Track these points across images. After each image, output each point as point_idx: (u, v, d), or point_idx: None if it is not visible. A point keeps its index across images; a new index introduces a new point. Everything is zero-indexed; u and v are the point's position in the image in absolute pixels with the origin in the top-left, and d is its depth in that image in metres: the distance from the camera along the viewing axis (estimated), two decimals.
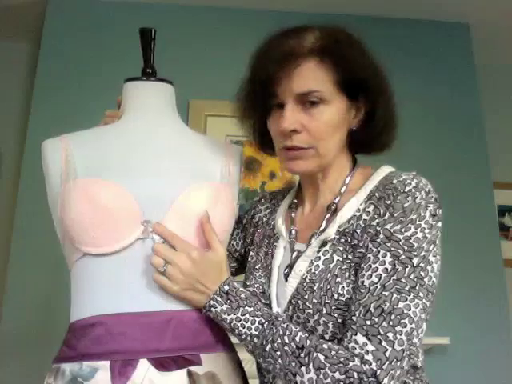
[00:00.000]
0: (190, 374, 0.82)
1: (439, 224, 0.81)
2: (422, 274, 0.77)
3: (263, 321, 0.81)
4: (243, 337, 0.82)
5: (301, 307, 0.83)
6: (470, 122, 2.49)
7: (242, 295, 0.85)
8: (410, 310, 0.75)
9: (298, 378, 0.75)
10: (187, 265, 0.84)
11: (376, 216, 0.81)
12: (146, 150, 0.95)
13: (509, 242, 2.73)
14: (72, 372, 0.82)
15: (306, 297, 0.82)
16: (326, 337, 0.80)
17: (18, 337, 2.02)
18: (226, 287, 0.85)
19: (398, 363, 0.74)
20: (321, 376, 0.74)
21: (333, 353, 0.75)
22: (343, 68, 0.85)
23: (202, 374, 0.83)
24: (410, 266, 0.77)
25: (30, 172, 2.15)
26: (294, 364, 0.76)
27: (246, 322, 0.82)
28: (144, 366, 0.81)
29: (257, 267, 0.95)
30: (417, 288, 0.76)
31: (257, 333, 0.81)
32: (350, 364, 0.73)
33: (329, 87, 0.85)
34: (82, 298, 0.88)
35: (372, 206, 0.83)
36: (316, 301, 0.81)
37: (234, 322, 0.83)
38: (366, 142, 0.92)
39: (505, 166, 2.70)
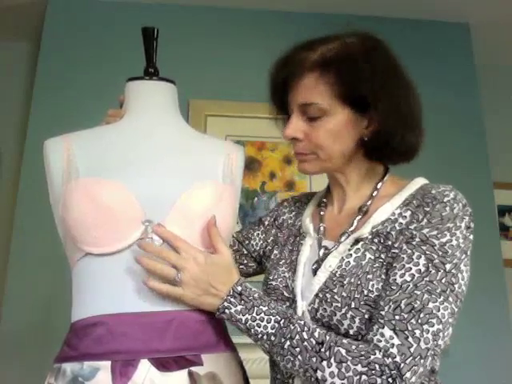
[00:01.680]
0: (190, 374, 0.83)
1: (471, 237, 0.85)
2: (453, 279, 0.80)
3: (279, 319, 0.82)
4: (259, 336, 0.83)
5: (328, 300, 0.85)
6: (470, 122, 2.49)
7: (256, 295, 0.86)
8: (438, 311, 0.77)
9: (319, 373, 0.76)
10: (196, 270, 0.85)
11: (414, 221, 0.85)
12: (147, 148, 0.95)
13: (509, 241, 2.73)
14: (73, 372, 0.82)
15: (336, 290, 0.85)
16: (351, 331, 0.82)
17: (17, 337, 2.02)
18: (239, 288, 0.86)
19: (422, 361, 0.75)
20: (342, 369, 0.75)
21: (353, 347, 0.77)
22: (343, 83, 0.87)
23: (203, 375, 0.83)
24: (442, 271, 0.80)
25: (30, 172, 2.15)
26: (314, 359, 0.77)
27: (262, 321, 0.83)
28: (145, 366, 0.81)
29: (280, 263, 0.98)
30: (447, 292, 0.79)
31: (273, 331, 0.81)
32: (372, 357, 0.75)
33: (329, 100, 0.89)
34: (84, 297, 0.88)
35: (409, 212, 0.87)
36: (345, 294, 0.83)
37: (250, 321, 0.83)
38: (378, 151, 0.93)
39: (505, 166, 2.70)
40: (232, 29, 2.46)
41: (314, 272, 0.91)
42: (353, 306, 0.82)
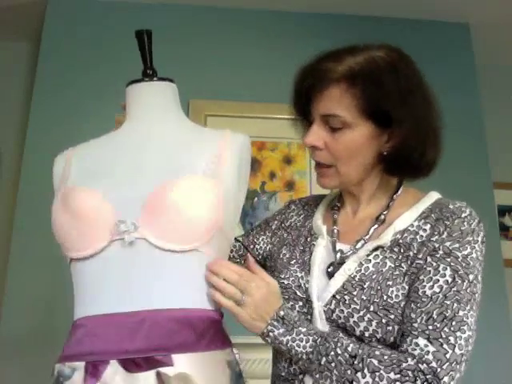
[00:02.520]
0: (158, 375, 0.81)
1: (484, 251, 0.90)
2: (475, 289, 0.85)
3: (316, 338, 0.86)
4: (299, 356, 0.86)
5: (347, 302, 0.88)
6: (470, 122, 2.48)
7: (296, 318, 0.89)
8: (468, 318, 0.81)
9: None
10: (259, 296, 0.88)
11: (436, 233, 0.88)
12: (136, 153, 0.96)
13: (509, 241, 2.72)
14: (58, 372, 0.86)
15: (355, 293, 0.88)
16: (367, 334, 0.85)
17: (17, 337, 2.02)
18: (282, 312, 0.89)
19: (458, 366, 0.79)
20: (376, 379, 0.79)
21: (385, 357, 0.80)
22: (369, 98, 0.88)
23: (172, 376, 0.81)
24: (467, 281, 0.84)
25: (30, 172, 2.15)
26: (349, 372, 0.81)
27: (301, 342, 0.86)
28: (113, 367, 0.82)
29: (292, 262, 0.99)
30: (472, 301, 0.83)
31: (311, 349, 0.85)
32: (404, 364, 0.78)
33: (353, 113, 0.89)
34: (75, 300, 0.92)
35: (429, 225, 0.90)
36: (365, 298, 0.87)
37: (290, 342, 0.87)
38: (397, 166, 0.94)
39: (505, 166, 2.70)
40: (232, 29, 2.46)
41: (329, 274, 0.93)
42: (371, 309, 0.85)
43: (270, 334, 0.88)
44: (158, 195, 0.88)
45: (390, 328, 0.85)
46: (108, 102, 2.28)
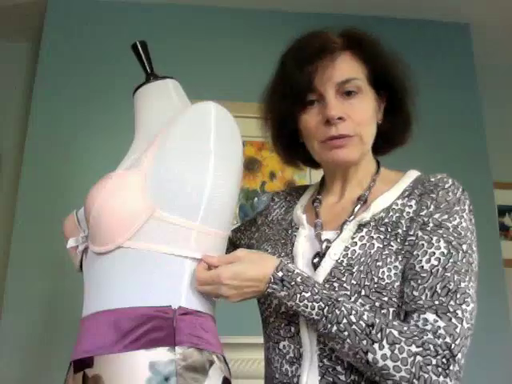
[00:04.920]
0: (84, 376, 0.83)
1: (473, 220, 0.88)
2: (470, 259, 0.83)
3: (322, 306, 0.81)
4: (308, 320, 0.83)
5: (337, 289, 0.85)
6: (469, 122, 2.49)
7: (298, 279, 0.83)
8: (469, 290, 0.80)
9: (370, 356, 0.77)
10: (229, 286, 0.85)
11: (424, 208, 0.87)
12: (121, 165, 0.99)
13: (509, 241, 2.72)
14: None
15: (344, 279, 0.85)
16: None
17: (17, 337, 2.01)
18: (280, 273, 0.84)
19: (466, 341, 0.78)
20: (396, 351, 0.75)
21: (405, 328, 0.78)
22: (372, 63, 0.93)
23: (90, 377, 0.82)
24: (461, 251, 0.82)
25: (30, 172, 2.15)
26: (365, 342, 0.77)
27: (306, 308, 0.82)
28: (71, 368, 0.87)
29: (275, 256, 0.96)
30: (469, 272, 0.82)
31: (318, 317, 0.81)
32: (425, 337, 0.76)
33: (362, 77, 0.92)
34: None
35: (414, 201, 0.89)
36: (355, 282, 0.84)
37: (295, 307, 0.83)
38: (386, 136, 0.98)
39: (505, 166, 2.70)
40: (232, 29, 2.46)
41: (314, 265, 0.90)
42: (363, 293, 0.83)
43: (273, 296, 0.85)
44: (86, 202, 0.90)
45: (385, 311, 0.82)
46: (108, 102, 2.28)
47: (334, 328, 0.79)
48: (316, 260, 0.91)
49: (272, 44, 0.97)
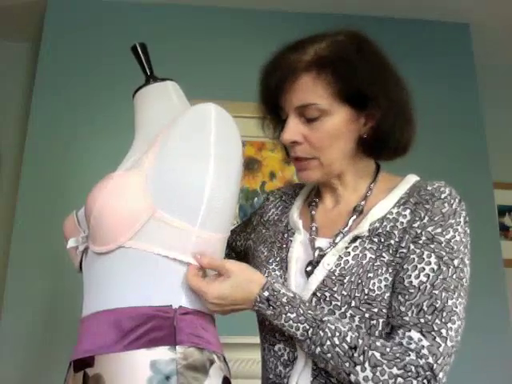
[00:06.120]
0: (85, 375, 0.84)
1: (469, 230, 0.86)
2: (461, 274, 0.82)
3: (307, 327, 0.81)
4: (294, 339, 0.84)
5: (327, 299, 0.85)
6: (470, 122, 2.49)
7: (284, 299, 0.83)
8: (456, 307, 0.80)
9: (353, 377, 0.77)
10: (217, 304, 0.85)
11: (417, 219, 0.86)
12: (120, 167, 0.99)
13: (509, 241, 2.72)
14: None
15: (335, 289, 0.85)
16: None
17: (17, 337, 2.01)
18: (266, 293, 0.84)
19: (449, 359, 0.78)
20: (377, 373, 0.76)
21: (387, 349, 0.77)
22: (341, 80, 0.86)
23: (90, 376, 0.83)
24: (452, 267, 0.81)
25: (30, 172, 2.15)
26: (347, 364, 0.77)
27: (291, 328, 0.82)
28: (71, 368, 0.87)
29: (270, 261, 0.96)
30: (459, 288, 0.81)
31: (303, 338, 0.81)
32: (407, 359, 0.76)
33: (328, 99, 0.87)
34: None
35: (408, 210, 0.87)
36: (346, 293, 0.83)
37: (280, 327, 0.84)
38: (378, 147, 0.93)
39: (505, 166, 2.70)
40: (232, 29, 2.46)
41: (307, 273, 0.90)
42: (353, 304, 0.83)
43: (260, 313, 0.86)
44: (87, 201, 0.89)
45: (374, 322, 0.82)
46: (108, 102, 2.28)
47: (318, 349, 0.80)
48: (309, 269, 0.90)
49: (272, 44, 0.97)
